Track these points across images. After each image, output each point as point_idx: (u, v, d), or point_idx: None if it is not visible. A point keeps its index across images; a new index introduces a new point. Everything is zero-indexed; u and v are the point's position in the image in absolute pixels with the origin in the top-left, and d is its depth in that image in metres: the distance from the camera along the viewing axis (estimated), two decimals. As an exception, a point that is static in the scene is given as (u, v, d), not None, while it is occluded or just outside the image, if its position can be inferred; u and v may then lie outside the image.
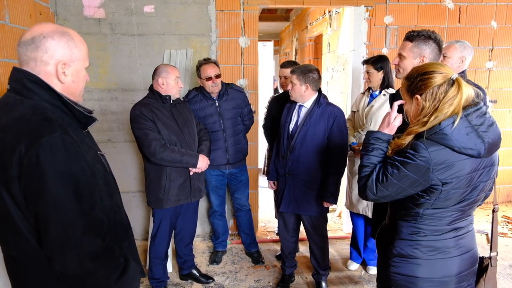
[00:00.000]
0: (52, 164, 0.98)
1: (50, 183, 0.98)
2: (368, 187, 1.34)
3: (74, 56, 1.11)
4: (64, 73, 1.10)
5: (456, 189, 1.26)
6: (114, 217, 1.19)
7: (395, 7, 3.45)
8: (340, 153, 2.38)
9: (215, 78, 2.71)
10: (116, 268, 1.13)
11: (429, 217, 1.32)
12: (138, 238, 3.47)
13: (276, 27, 7.81)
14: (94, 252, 1.05)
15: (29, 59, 1.06)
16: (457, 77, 1.25)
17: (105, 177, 1.18)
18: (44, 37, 1.06)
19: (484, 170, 1.29)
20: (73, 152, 1.03)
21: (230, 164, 2.91)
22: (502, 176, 4.09)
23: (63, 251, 1.01)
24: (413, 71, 1.35)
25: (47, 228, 0.99)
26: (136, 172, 3.35)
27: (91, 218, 1.05)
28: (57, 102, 1.09)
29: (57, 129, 1.00)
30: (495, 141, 1.26)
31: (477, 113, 1.25)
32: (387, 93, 2.66)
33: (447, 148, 1.22)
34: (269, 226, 3.89)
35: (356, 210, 2.80)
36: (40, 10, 2.80)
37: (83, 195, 1.03)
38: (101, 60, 3.16)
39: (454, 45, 2.39)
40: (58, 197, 0.99)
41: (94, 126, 3.51)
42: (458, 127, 1.21)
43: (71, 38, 1.11)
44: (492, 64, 3.79)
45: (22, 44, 1.07)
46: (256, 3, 3.22)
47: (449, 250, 1.34)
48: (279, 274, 2.89)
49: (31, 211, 1.01)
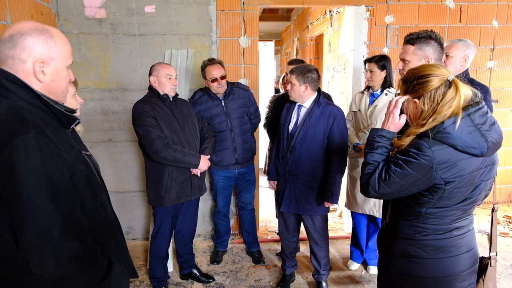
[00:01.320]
0: (27, 166, 0.95)
1: (25, 185, 0.95)
2: (371, 184, 1.34)
3: (54, 55, 1.07)
4: (42, 72, 1.06)
5: (458, 188, 1.26)
6: (99, 218, 1.16)
7: (396, 6, 3.44)
8: (340, 153, 2.38)
9: (220, 79, 2.69)
10: (98, 271, 1.09)
11: (431, 216, 1.32)
12: (139, 237, 3.48)
13: (277, 27, 7.81)
14: (73, 254, 1.01)
15: (7, 57, 1.03)
16: (453, 78, 1.25)
17: (88, 177, 1.14)
18: (22, 34, 1.03)
19: (485, 169, 1.29)
20: (49, 153, 0.99)
21: (239, 164, 2.89)
22: (504, 176, 4.08)
23: (40, 254, 0.98)
24: (409, 74, 1.35)
25: (23, 231, 0.96)
26: (137, 172, 3.36)
27: (69, 220, 1.02)
28: (36, 101, 1.05)
29: (31, 129, 0.97)
30: (498, 140, 1.26)
31: (479, 113, 1.24)
32: (389, 92, 2.66)
33: (450, 147, 1.22)
34: (270, 225, 3.89)
35: (362, 211, 2.78)
36: (41, 11, 2.81)
37: (60, 196, 1.00)
38: (102, 60, 3.17)
39: (457, 44, 2.36)
40: (34, 199, 0.96)
41: (95, 126, 3.52)
42: (461, 126, 1.21)
43: (50, 35, 1.07)
44: (493, 63, 3.78)
45: (1, 42, 1.04)
46: (257, 3, 3.23)
47: (450, 249, 1.34)
48: (279, 273, 2.89)
49: (7, 213, 0.98)
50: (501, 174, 4.04)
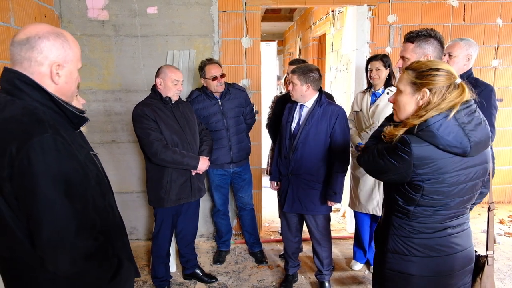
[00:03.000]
0: (44, 165, 0.97)
1: (42, 184, 0.97)
2: (360, 157, 1.50)
3: (68, 58, 1.11)
4: (57, 74, 1.09)
5: (440, 187, 1.26)
6: (107, 217, 1.19)
7: (398, 5, 3.43)
8: (343, 152, 2.37)
9: (220, 78, 2.74)
10: (109, 268, 1.12)
11: (420, 214, 1.33)
12: (142, 238, 3.49)
13: (280, 27, 7.82)
14: (87, 252, 1.04)
15: (23, 59, 1.06)
16: (461, 82, 1.27)
17: (97, 177, 1.17)
18: (39, 37, 1.05)
19: (473, 169, 1.28)
20: (65, 152, 1.02)
21: (234, 162, 2.93)
22: (509, 176, 4.04)
23: (56, 252, 1.00)
24: (422, 64, 1.33)
25: (39, 229, 0.99)
26: (140, 173, 3.38)
27: (83, 218, 1.04)
28: (49, 102, 1.08)
29: (48, 129, 0.99)
30: (483, 140, 1.25)
31: (466, 111, 1.25)
32: (391, 91, 2.65)
33: (432, 145, 1.23)
34: (273, 226, 3.89)
35: (365, 210, 2.78)
36: (44, 13, 2.84)
37: (75, 195, 1.02)
38: (105, 62, 3.19)
39: (459, 43, 2.34)
40: (50, 197, 0.98)
41: (98, 127, 3.54)
42: (444, 125, 1.22)
43: (66, 39, 1.10)
44: (497, 62, 3.75)
45: (16, 43, 1.06)
46: (259, 3, 3.23)
47: (442, 248, 1.34)
48: (282, 274, 2.89)
49: (23, 212, 1.00)
50: (506, 174, 4.00)
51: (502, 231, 3.49)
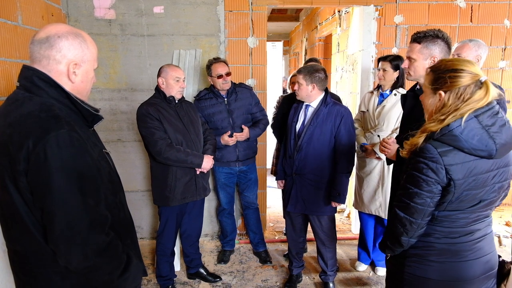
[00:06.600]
0: (59, 160, 0.99)
1: (57, 178, 0.99)
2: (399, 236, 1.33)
3: (86, 57, 1.14)
4: (74, 73, 1.12)
5: (468, 190, 1.23)
6: (118, 214, 1.20)
7: (405, 6, 3.41)
8: (347, 152, 2.37)
9: (226, 76, 2.77)
10: (119, 264, 1.14)
11: (445, 219, 1.29)
12: (147, 236, 3.50)
13: (286, 27, 7.81)
14: (98, 248, 1.06)
15: (42, 57, 1.09)
16: (485, 80, 1.21)
17: (109, 174, 1.19)
18: (58, 37, 1.09)
19: (498, 171, 1.25)
20: (80, 149, 1.04)
21: (240, 161, 2.93)
22: (516, 178, 4.00)
23: (69, 246, 1.02)
24: (442, 64, 1.29)
25: (53, 223, 1.01)
26: (145, 171, 3.39)
27: (96, 214, 1.06)
28: (65, 100, 1.11)
29: (64, 125, 1.02)
30: (508, 141, 1.22)
31: (489, 113, 1.21)
32: (398, 92, 2.63)
33: (457, 149, 1.20)
34: (278, 226, 3.88)
35: (368, 211, 2.77)
36: (52, 12, 2.85)
37: (88, 191, 1.04)
38: (112, 61, 3.20)
39: (468, 44, 2.32)
40: (64, 192, 1.00)
41: (104, 126, 3.55)
42: (468, 128, 1.18)
43: (84, 39, 1.14)
44: (505, 63, 3.71)
45: (36, 42, 1.09)
46: (265, 3, 3.23)
47: (464, 254, 1.30)
48: (286, 274, 2.88)
49: (38, 206, 1.02)
50: (513, 176, 3.96)
51: (508, 233, 3.46)
